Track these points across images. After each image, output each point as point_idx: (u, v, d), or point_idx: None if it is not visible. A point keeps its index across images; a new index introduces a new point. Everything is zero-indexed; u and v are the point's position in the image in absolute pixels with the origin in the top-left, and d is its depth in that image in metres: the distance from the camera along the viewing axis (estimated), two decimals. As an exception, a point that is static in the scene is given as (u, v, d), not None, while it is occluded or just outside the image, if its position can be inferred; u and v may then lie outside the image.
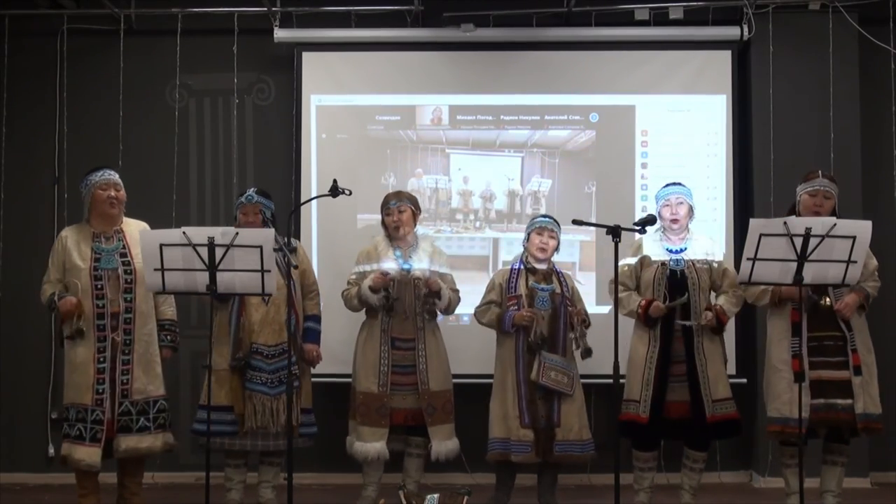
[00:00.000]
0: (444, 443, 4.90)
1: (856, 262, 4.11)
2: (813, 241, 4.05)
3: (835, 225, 4.08)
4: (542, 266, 4.98)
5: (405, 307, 4.88)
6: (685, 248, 4.84)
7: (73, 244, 4.62)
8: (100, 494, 4.65)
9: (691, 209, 4.89)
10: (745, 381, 5.65)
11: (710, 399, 4.69)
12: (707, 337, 4.74)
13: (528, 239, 5.01)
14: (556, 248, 5.04)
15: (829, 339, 4.48)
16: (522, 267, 4.98)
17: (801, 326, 4.49)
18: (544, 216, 5.11)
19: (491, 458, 4.91)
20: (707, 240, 4.97)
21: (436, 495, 4.59)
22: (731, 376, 5.65)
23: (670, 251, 4.83)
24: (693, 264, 4.78)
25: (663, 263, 4.78)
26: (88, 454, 4.48)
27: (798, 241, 4.06)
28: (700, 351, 4.71)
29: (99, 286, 4.57)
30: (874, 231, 4.17)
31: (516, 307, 4.85)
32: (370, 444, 4.83)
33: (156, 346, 4.70)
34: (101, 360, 4.53)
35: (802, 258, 4.07)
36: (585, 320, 4.93)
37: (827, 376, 4.45)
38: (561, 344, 4.84)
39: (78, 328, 4.50)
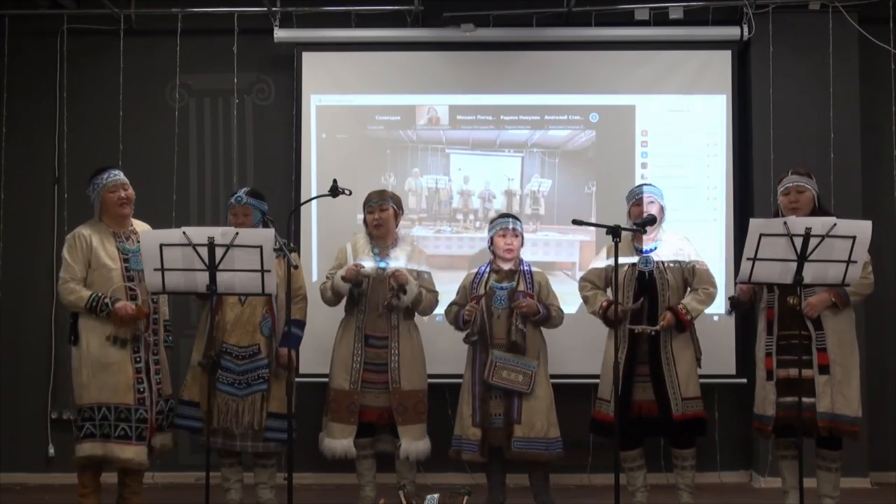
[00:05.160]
0: (414, 443, 4.88)
1: (856, 262, 4.11)
2: (813, 241, 4.05)
3: (835, 225, 4.07)
4: (507, 266, 4.98)
5: (379, 304, 4.88)
6: (655, 248, 4.84)
7: (97, 243, 4.59)
8: (100, 494, 4.65)
9: (662, 209, 4.90)
10: (745, 381, 5.64)
11: (680, 398, 4.70)
12: (675, 337, 4.74)
13: (491, 242, 5.01)
14: (522, 244, 5.03)
15: (796, 337, 4.44)
16: (489, 269, 5.00)
17: (774, 325, 4.54)
18: (505, 215, 5.09)
19: (451, 455, 4.96)
20: (679, 238, 4.94)
21: (436, 495, 4.59)
22: (731, 376, 5.69)
23: (640, 251, 4.83)
24: (663, 265, 4.78)
25: (633, 265, 4.78)
26: (137, 453, 4.51)
27: (798, 241, 4.06)
28: (668, 351, 4.72)
29: (132, 287, 4.59)
30: (874, 231, 4.16)
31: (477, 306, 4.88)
32: (338, 441, 4.84)
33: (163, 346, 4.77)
34: (138, 360, 4.56)
35: (802, 258, 4.06)
36: (539, 312, 4.85)
37: (795, 375, 4.44)
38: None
39: (133, 335, 4.52)
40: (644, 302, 4.71)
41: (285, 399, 4.68)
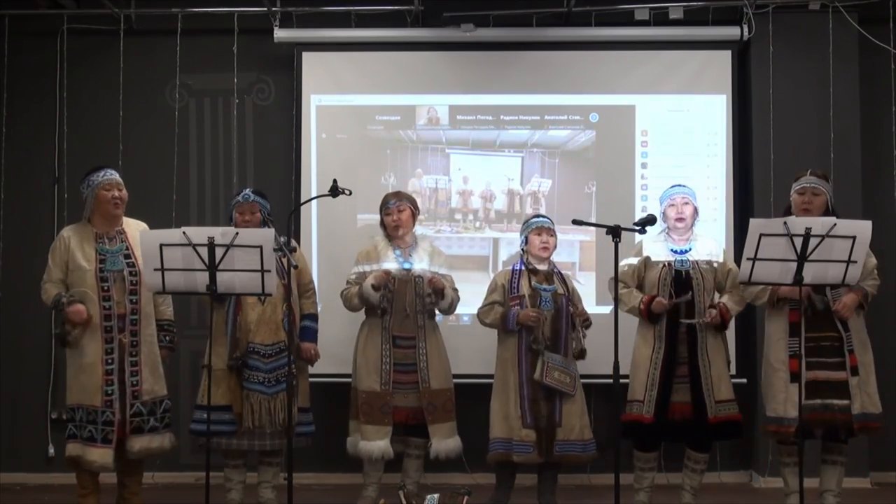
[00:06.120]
0: (444, 441, 4.90)
1: (856, 262, 4.11)
2: (813, 241, 4.05)
3: (835, 225, 4.07)
4: (543, 266, 4.98)
5: (405, 305, 4.89)
6: (690, 249, 4.84)
7: (76, 245, 4.60)
8: (100, 494, 4.65)
9: (696, 210, 4.90)
10: (744, 381, 5.64)
11: (713, 400, 4.70)
12: (711, 338, 4.75)
13: (526, 241, 5.01)
14: (556, 245, 5.04)
15: (826, 339, 4.48)
16: (523, 268, 4.98)
17: (800, 327, 4.48)
18: (540, 216, 5.12)
19: (492, 459, 4.91)
20: (711, 241, 4.97)
21: (436, 495, 4.59)
22: (731, 376, 5.68)
23: (675, 252, 4.83)
24: (697, 265, 4.78)
25: (668, 264, 4.78)
26: (101, 455, 4.49)
27: (798, 241, 4.05)
28: (704, 352, 4.72)
29: (105, 288, 4.56)
30: (874, 231, 4.17)
31: (519, 307, 4.86)
32: (374, 442, 4.83)
33: (157, 346, 4.71)
34: (109, 361, 4.53)
35: (802, 258, 4.06)
36: (588, 320, 4.94)
37: (823, 377, 4.44)
38: (563, 344, 4.84)
39: (74, 338, 4.50)
40: (691, 296, 4.71)
41: (305, 394, 4.84)
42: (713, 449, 5.69)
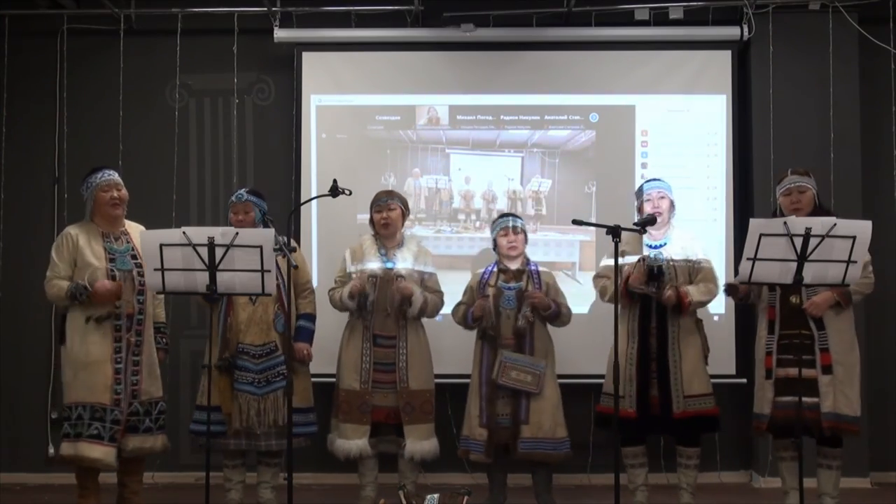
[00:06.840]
0: (419, 443, 4.88)
1: (856, 262, 4.11)
2: (813, 241, 4.05)
3: (835, 225, 4.07)
4: (514, 265, 4.98)
5: (387, 305, 4.88)
6: (665, 243, 4.84)
7: (84, 242, 4.59)
8: (100, 494, 4.65)
9: (672, 204, 4.90)
10: (744, 381, 5.64)
11: (682, 395, 4.70)
12: (684, 332, 4.75)
13: (495, 244, 5.01)
14: (526, 241, 5.03)
15: (798, 337, 4.47)
16: (496, 268, 5.00)
17: (775, 325, 4.54)
18: (506, 215, 5.10)
19: (460, 455, 4.98)
20: (687, 234, 4.95)
21: (436, 495, 4.59)
22: (731, 376, 5.69)
23: (650, 246, 4.84)
24: (672, 259, 4.78)
25: (643, 258, 4.79)
26: (106, 454, 4.48)
27: (798, 241, 4.06)
28: (675, 347, 4.73)
29: None
30: (874, 231, 4.16)
31: None
32: (352, 441, 4.84)
33: (155, 348, 4.71)
34: (119, 360, 4.53)
35: (802, 258, 4.06)
36: (548, 308, 4.85)
37: (795, 374, 4.44)
38: (527, 342, 4.84)
39: (110, 311, 4.49)
40: (657, 285, 4.70)
41: (305, 393, 4.81)
42: (712, 448, 5.73)
